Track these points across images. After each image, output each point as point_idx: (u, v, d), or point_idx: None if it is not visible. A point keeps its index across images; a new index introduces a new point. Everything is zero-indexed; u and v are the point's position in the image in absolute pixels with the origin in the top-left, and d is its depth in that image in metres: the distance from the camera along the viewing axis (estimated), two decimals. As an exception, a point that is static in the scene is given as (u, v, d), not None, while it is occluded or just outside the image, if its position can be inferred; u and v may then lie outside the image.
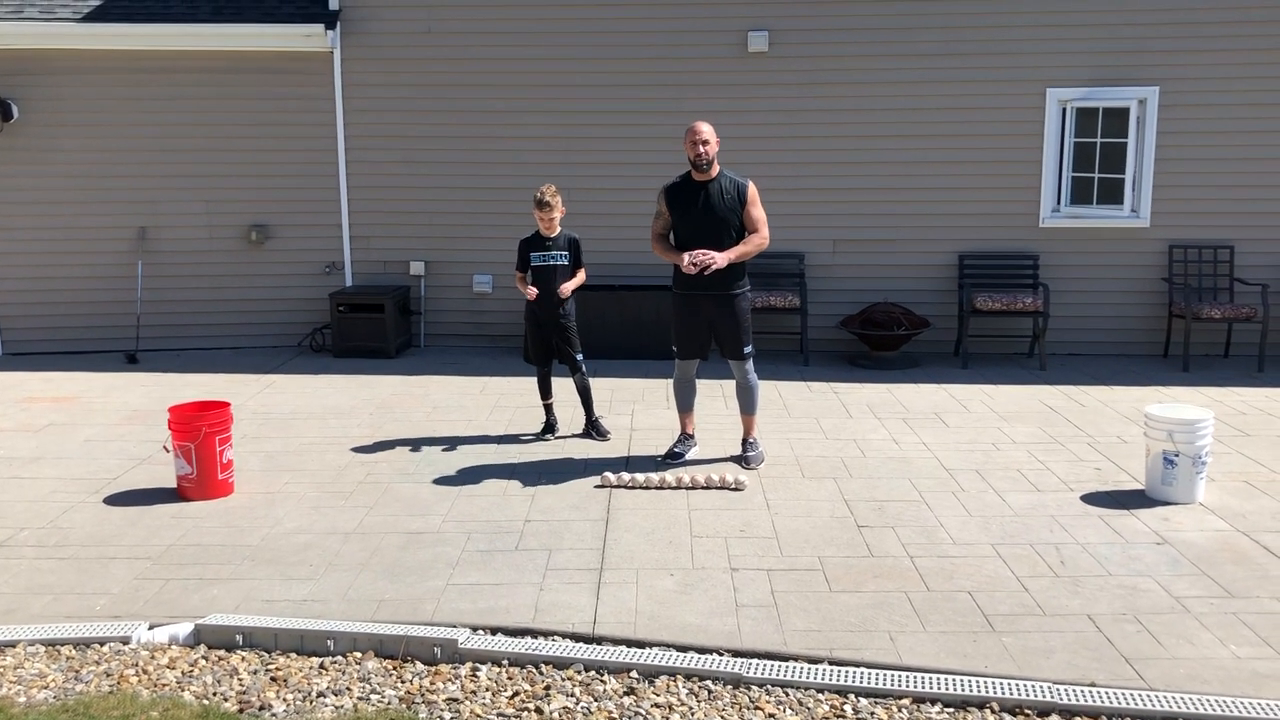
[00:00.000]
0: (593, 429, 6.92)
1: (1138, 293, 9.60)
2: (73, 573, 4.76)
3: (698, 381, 6.53)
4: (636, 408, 7.69)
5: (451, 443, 6.80)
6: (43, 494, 5.83)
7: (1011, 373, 8.90)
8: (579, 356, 6.84)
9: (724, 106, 9.49)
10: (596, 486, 5.91)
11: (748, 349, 6.13)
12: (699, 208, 5.97)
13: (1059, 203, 9.58)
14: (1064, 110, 9.42)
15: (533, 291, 6.72)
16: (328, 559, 4.90)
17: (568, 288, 6.75)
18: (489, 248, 9.79)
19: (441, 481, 6.01)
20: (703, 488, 5.87)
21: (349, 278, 9.94)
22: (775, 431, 7.03)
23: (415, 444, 6.77)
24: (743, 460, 6.23)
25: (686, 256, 5.83)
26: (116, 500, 5.73)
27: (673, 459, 6.32)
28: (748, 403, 6.25)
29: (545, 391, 6.98)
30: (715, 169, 6.00)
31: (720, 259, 5.77)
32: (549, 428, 6.97)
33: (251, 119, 9.66)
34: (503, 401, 7.87)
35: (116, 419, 7.40)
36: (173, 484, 5.88)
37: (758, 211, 6.01)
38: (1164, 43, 9.24)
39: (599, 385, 8.33)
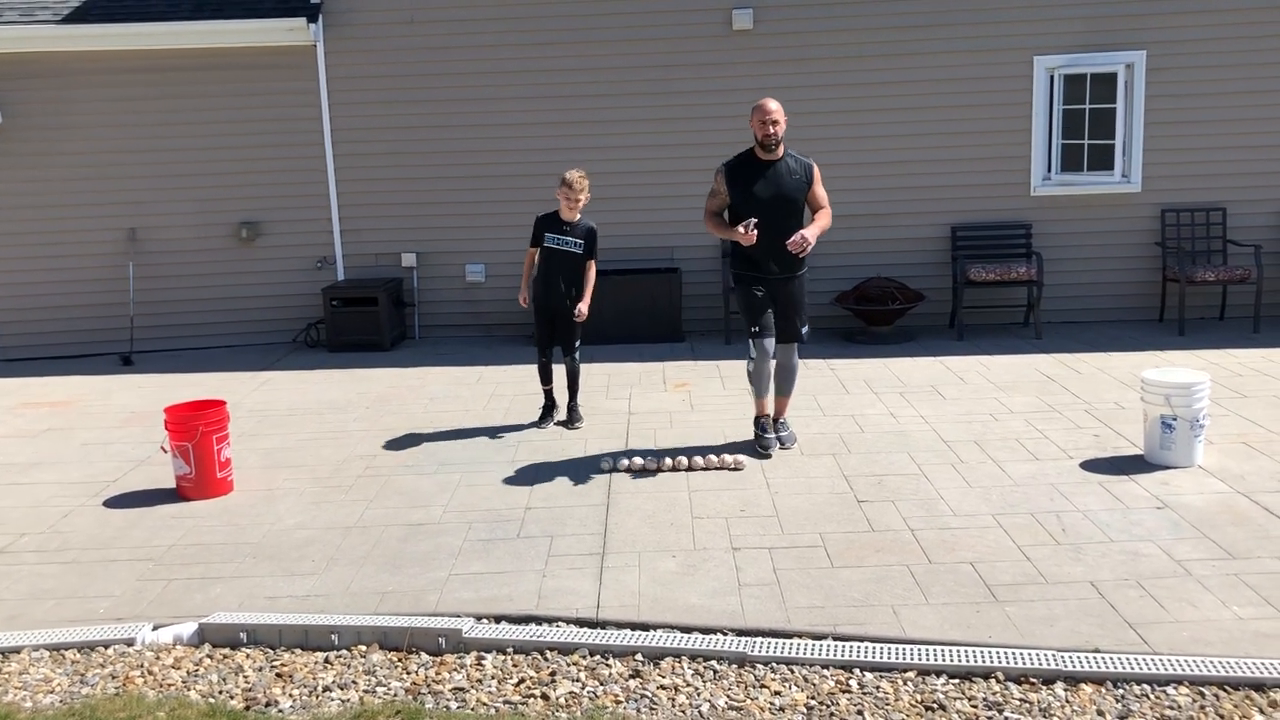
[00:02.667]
0: (570, 413, 6.86)
1: (1131, 258, 9.59)
2: (75, 576, 4.76)
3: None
4: (634, 391, 7.68)
5: (450, 433, 6.80)
6: (42, 499, 5.82)
7: (1007, 343, 8.89)
8: (576, 344, 6.81)
9: (710, 86, 9.46)
10: (596, 472, 5.91)
11: (805, 329, 6.12)
12: (767, 188, 5.85)
13: (1050, 171, 9.56)
14: (1051, 77, 9.39)
15: (525, 301, 6.63)
16: (329, 554, 4.90)
17: (584, 308, 6.68)
18: (481, 237, 9.77)
19: (441, 472, 6.01)
20: (702, 469, 5.87)
21: (341, 272, 9.91)
22: (773, 410, 7.02)
23: (413, 436, 6.77)
24: (782, 443, 6.15)
25: (768, 239, 5.75)
26: (116, 502, 5.72)
27: (767, 446, 6.08)
28: (788, 383, 6.22)
29: (545, 377, 6.92)
30: (781, 149, 5.90)
31: (810, 237, 5.69)
32: (548, 411, 6.91)
33: (237, 115, 9.62)
34: (500, 391, 7.86)
35: (113, 421, 7.39)
36: (172, 484, 5.87)
37: (823, 191, 6.02)
38: (1150, 5, 9.20)
39: (595, 370, 8.33)
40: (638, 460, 5.92)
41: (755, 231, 5.65)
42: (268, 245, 9.85)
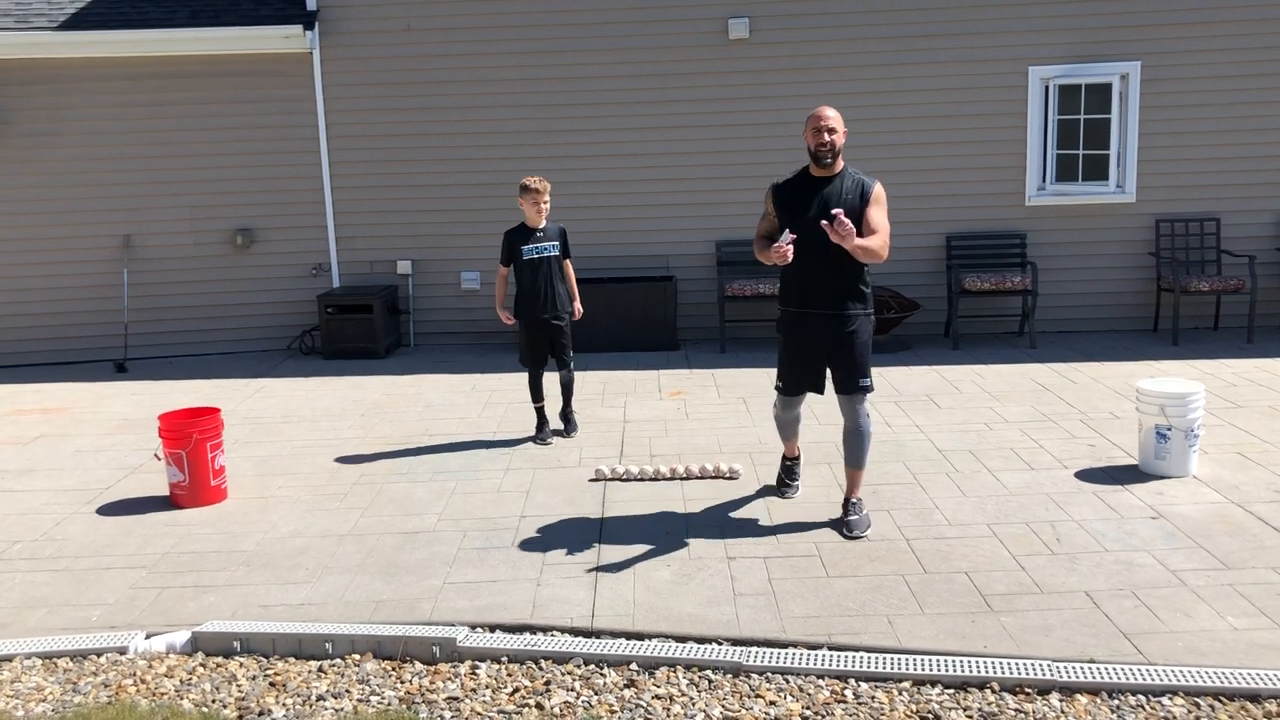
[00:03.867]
0: (566, 421, 6.82)
1: (1126, 268, 9.62)
2: (67, 584, 4.74)
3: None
4: (629, 400, 7.68)
5: (444, 441, 6.79)
6: (35, 506, 5.80)
7: (1002, 352, 8.91)
8: (570, 352, 6.77)
9: (706, 95, 9.48)
10: (591, 480, 5.90)
11: (865, 381, 5.01)
12: (814, 210, 4.89)
13: (1044, 181, 9.58)
14: (1046, 88, 9.42)
15: (508, 318, 6.59)
16: (323, 562, 4.89)
17: (579, 306, 6.73)
18: (476, 244, 9.77)
19: (435, 480, 6.00)
20: (697, 477, 5.86)
21: (336, 279, 9.90)
22: (768, 419, 7.02)
23: (408, 444, 6.76)
24: (843, 525, 5.03)
25: (820, 225, 4.73)
26: (109, 510, 5.70)
27: (785, 494, 5.56)
28: (855, 452, 5.10)
29: (538, 394, 6.76)
30: (839, 164, 4.99)
31: (854, 237, 4.64)
32: (542, 429, 6.73)
33: (233, 122, 9.61)
34: (494, 399, 7.86)
35: (107, 428, 7.37)
36: (165, 492, 5.85)
37: (881, 216, 4.91)
38: (1145, 17, 9.24)
39: (590, 379, 8.33)
40: (633, 468, 5.91)
41: (790, 248, 4.78)
42: (263, 252, 9.84)
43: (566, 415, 6.85)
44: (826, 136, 4.90)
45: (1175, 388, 5.57)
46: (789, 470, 5.63)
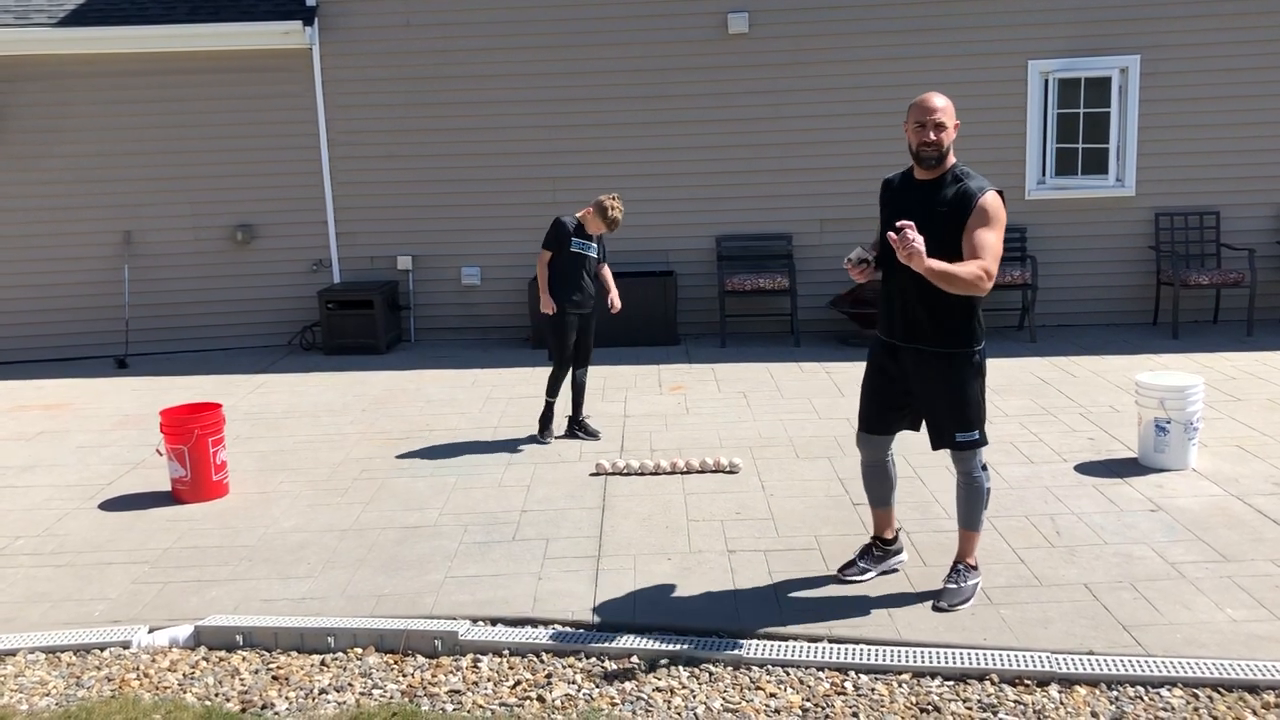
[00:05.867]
0: (579, 426, 6.67)
1: (1125, 262, 9.62)
2: (70, 579, 4.76)
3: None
4: (629, 394, 7.69)
5: (445, 436, 6.80)
6: (37, 502, 5.82)
7: (1002, 346, 8.92)
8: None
9: (706, 90, 9.48)
10: (592, 474, 5.92)
11: (965, 436, 4.08)
12: (905, 216, 4.01)
13: (1044, 174, 9.58)
14: (1046, 81, 9.42)
15: (551, 306, 6.37)
16: (325, 556, 4.91)
17: (617, 301, 6.62)
18: (476, 240, 9.78)
19: (436, 475, 6.01)
20: (697, 472, 5.88)
21: (336, 274, 9.91)
22: (768, 413, 7.04)
23: (409, 439, 6.77)
24: (940, 596, 4.22)
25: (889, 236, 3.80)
26: (111, 505, 5.72)
27: (850, 573, 4.46)
28: (966, 511, 4.25)
29: (556, 389, 6.56)
30: (947, 164, 4.06)
31: (923, 255, 3.68)
32: (550, 424, 6.61)
33: (233, 119, 9.61)
34: (495, 394, 7.87)
35: (108, 424, 7.38)
36: (167, 487, 5.87)
37: (986, 233, 3.90)
38: (1144, 10, 9.23)
39: (591, 373, 8.34)
40: (633, 463, 5.93)
41: (864, 266, 4.05)
42: (263, 248, 9.84)
43: (582, 421, 6.67)
44: (932, 135, 3.96)
45: (1174, 381, 5.58)
46: (871, 552, 4.48)
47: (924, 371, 4.10)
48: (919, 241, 3.67)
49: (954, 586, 4.22)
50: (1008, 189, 9.53)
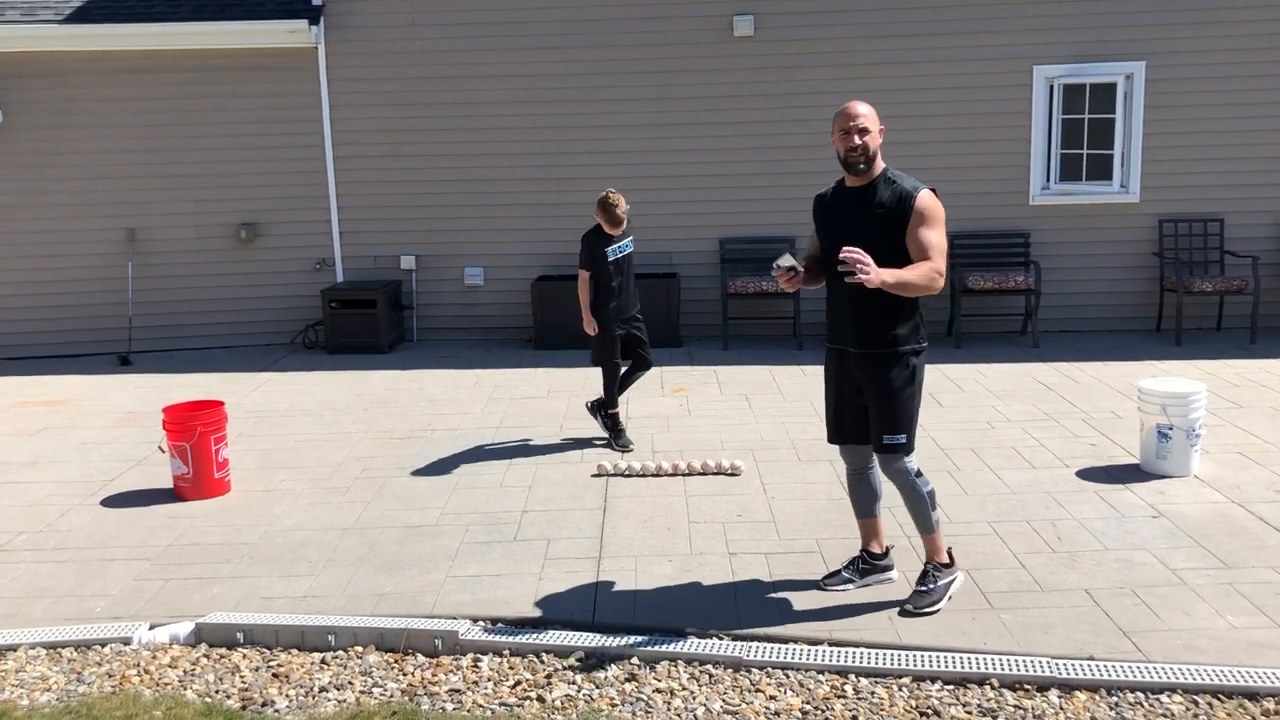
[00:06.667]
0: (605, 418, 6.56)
1: (1129, 268, 9.62)
2: (72, 575, 4.76)
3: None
4: (632, 396, 7.69)
5: (447, 436, 6.80)
6: (39, 498, 5.82)
7: (1005, 351, 8.91)
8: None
9: (710, 92, 9.49)
10: (593, 476, 5.92)
11: (890, 439, 4.11)
12: (841, 224, 4.12)
13: (1048, 180, 9.58)
14: (1051, 87, 9.42)
15: (592, 325, 6.29)
16: (326, 555, 4.91)
17: None
18: (480, 240, 9.79)
19: (438, 475, 6.02)
20: (699, 474, 5.88)
21: (340, 274, 9.92)
22: (770, 416, 7.04)
23: (411, 438, 6.77)
24: (908, 600, 4.22)
25: (793, 264, 3.99)
26: (113, 502, 5.72)
27: (832, 584, 4.41)
28: (914, 515, 4.28)
29: (616, 398, 6.45)
30: (876, 169, 4.17)
31: (875, 273, 3.76)
32: (621, 427, 6.48)
33: (238, 117, 9.63)
34: (497, 394, 7.87)
35: (111, 421, 7.39)
36: (169, 484, 5.87)
37: (929, 233, 4.02)
38: (1150, 17, 9.23)
39: (593, 375, 8.34)
40: (635, 464, 5.93)
41: (794, 275, 4.05)
42: (267, 246, 9.86)
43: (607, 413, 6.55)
44: (857, 140, 4.06)
45: (1177, 387, 5.58)
46: (858, 564, 4.43)
47: (868, 372, 4.14)
48: (861, 263, 3.73)
49: (923, 589, 4.22)
50: (1012, 194, 9.54)
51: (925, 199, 4.06)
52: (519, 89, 9.58)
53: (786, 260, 4.03)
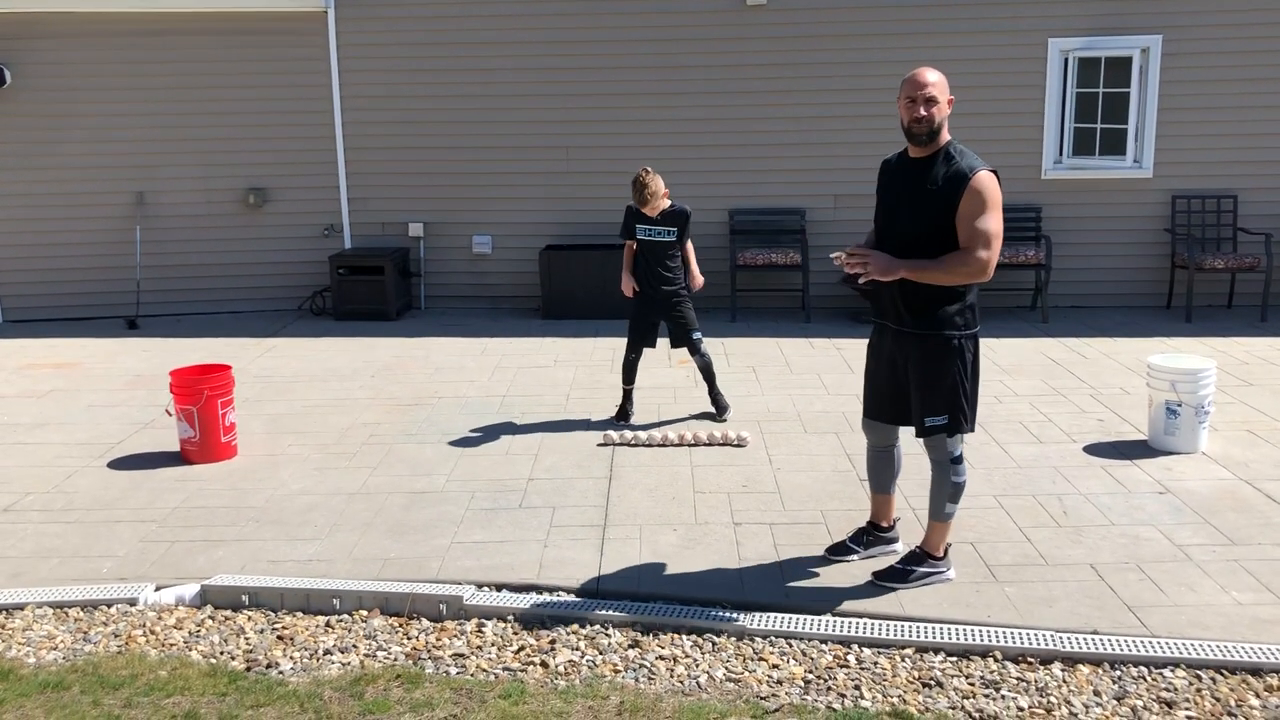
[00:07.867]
0: (716, 401, 6.37)
1: (1140, 244, 9.56)
2: (79, 536, 4.79)
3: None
4: (640, 366, 7.66)
5: (454, 404, 6.81)
6: (47, 459, 5.85)
7: (1013, 326, 8.88)
8: (696, 335, 6.27)
9: (722, 61, 9.41)
10: (599, 445, 5.92)
11: (932, 420, 3.95)
12: (894, 198, 3.99)
13: (1061, 154, 9.51)
14: (1066, 60, 9.32)
15: (630, 288, 6.21)
16: (332, 519, 4.92)
17: (698, 277, 6.34)
18: (488, 208, 9.76)
19: (444, 442, 6.02)
20: (705, 444, 5.87)
21: (348, 240, 9.90)
22: (778, 388, 7.03)
23: (418, 405, 6.78)
24: (883, 570, 4.19)
25: (842, 254, 3.84)
26: (120, 464, 5.74)
27: (838, 554, 4.39)
28: (933, 498, 4.12)
29: (629, 377, 6.34)
30: (940, 141, 3.93)
31: (887, 266, 3.74)
32: (624, 415, 6.33)
33: (247, 81, 9.58)
34: (504, 362, 7.87)
35: (118, 384, 7.41)
36: (176, 448, 5.89)
37: (980, 221, 3.75)
38: (1167, -10, 9.14)
39: (600, 345, 8.34)
40: (641, 434, 5.93)
41: (846, 259, 3.85)
42: (275, 212, 9.83)
43: (715, 395, 6.37)
44: (922, 110, 3.84)
45: (1186, 364, 5.55)
46: (864, 536, 4.40)
47: (906, 353, 3.98)
48: (874, 261, 3.71)
49: (899, 568, 4.15)
50: (1024, 168, 9.46)
51: (980, 181, 3.77)
52: (530, 55, 9.51)
53: (842, 253, 3.87)
